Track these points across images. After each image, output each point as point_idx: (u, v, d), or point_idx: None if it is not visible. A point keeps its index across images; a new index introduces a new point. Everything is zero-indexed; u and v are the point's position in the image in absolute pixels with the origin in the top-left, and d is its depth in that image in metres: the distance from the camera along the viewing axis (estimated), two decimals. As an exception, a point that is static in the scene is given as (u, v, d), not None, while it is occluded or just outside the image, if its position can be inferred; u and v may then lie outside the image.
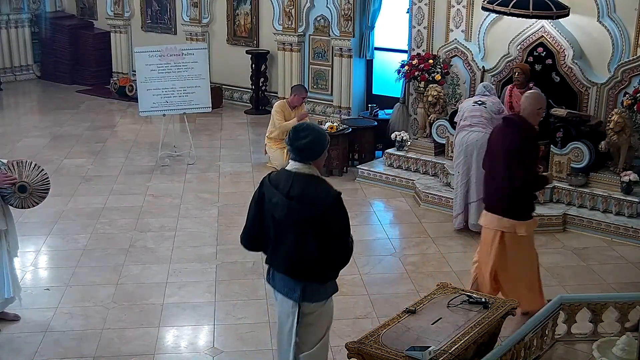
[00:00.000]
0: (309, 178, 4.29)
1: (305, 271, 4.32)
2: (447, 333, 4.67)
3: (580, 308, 5.62)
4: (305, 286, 4.33)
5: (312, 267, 4.30)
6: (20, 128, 11.94)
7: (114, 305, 6.39)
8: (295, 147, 4.28)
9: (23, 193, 5.75)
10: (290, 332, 4.42)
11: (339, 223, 4.27)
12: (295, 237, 4.27)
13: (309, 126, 4.37)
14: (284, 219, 4.28)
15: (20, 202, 5.79)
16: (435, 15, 9.70)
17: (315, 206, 4.21)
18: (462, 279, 6.81)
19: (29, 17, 15.13)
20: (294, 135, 4.29)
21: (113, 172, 9.80)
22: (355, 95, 11.72)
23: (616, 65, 8.44)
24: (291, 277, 4.36)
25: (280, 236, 4.34)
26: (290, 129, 4.39)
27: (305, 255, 4.28)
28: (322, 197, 4.23)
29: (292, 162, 4.35)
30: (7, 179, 5.66)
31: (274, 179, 4.39)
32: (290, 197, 4.24)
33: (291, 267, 4.35)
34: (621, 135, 7.99)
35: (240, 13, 13.00)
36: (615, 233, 7.81)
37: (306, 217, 4.22)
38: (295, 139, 4.28)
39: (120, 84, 13.94)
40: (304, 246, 4.26)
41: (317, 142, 4.29)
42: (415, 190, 8.99)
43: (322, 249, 4.24)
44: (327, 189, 4.28)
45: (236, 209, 8.59)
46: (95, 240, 7.70)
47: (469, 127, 7.80)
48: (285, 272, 4.39)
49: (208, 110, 10.55)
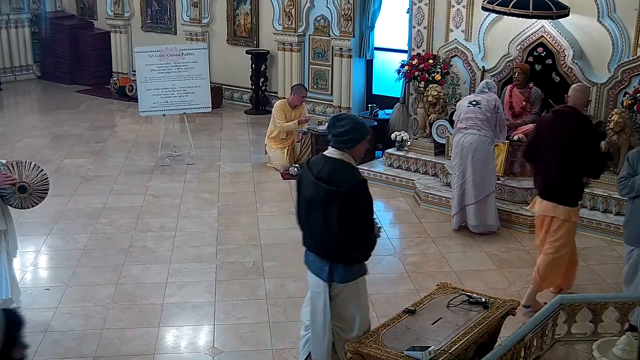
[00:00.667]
0: (338, 162, 4.53)
1: (331, 251, 4.57)
2: (447, 333, 4.67)
3: (580, 308, 5.61)
4: (333, 266, 4.58)
5: (336, 247, 4.53)
6: (20, 128, 11.94)
7: (114, 305, 6.39)
8: (331, 134, 4.55)
9: (23, 193, 5.75)
10: (323, 311, 4.68)
11: (361, 206, 4.47)
12: (322, 217, 4.50)
13: (348, 116, 4.62)
14: (311, 198, 4.55)
15: (20, 203, 5.79)
16: (435, 15, 9.69)
17: (338, 188, 4.43)
18: (462, 279, 6.81)
19: (29, 17, 15.14)
20: (331, 124, 4.56)
21: (113, 172, 9.81)
22: (355, 95, 11.73)
23: (616, 65, 8.43)
24: (320, 256, 4.63)
25: (310, 216, 4.60)
26: (330, 118, 4.63)
27: (329, 235, 4.50)
28: (347, 180, 4.46)
29: (329, 148, 4.60)
30: (7, 180, 5.66)
31: (312, 162, 4.71)
32: (318, 178, 4.50)
33: (318, 247, 4.64)
34: (621, 135, 7.98)
35: (240, 13, 13.00)
36: (615, 233, 7.80)
37: (330, 197, 4.44)
38: (332, 127, 4.54)
39: (120, 84, 13.95)
40: (328, 227, 4.47)
41: (353, 132, 4.51)
42: (415, 190, 8.99)
43: (345, 230, 4.44)
44: (353, 174, 4.52)
45: (236, 209, 8.60)
46: (95, 240, 7.71)
47: (464, 129, 7.82)
48: (314, 251, 4.67)
49: (208, 110, 10.55)
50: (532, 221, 7.99)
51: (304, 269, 6.89)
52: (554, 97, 8.68)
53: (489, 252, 7.57)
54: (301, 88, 10.14)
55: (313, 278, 4.73)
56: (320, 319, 4.71)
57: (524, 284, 6.85)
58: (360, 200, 4.47)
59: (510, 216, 8.15)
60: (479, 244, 7.75)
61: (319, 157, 4.72)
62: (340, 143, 4.54)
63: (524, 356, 5.06)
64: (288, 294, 6.58)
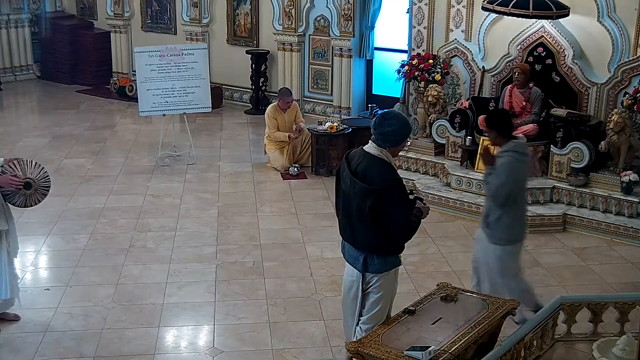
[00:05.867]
0: (375, 159, 4.65)
1: (366, 242, 4.72)
2: (447, 333, 4.67)
3: (580, 308, 5.62)
4: (367, 257, 4.74)
5: (371, 239, 4.69)
6: (20, 128, 11.93)
7: (114, 305, 6.39)
8: (378, 132, 4.63)
9: (29, 190, 5.76)
10: (354, 300, 4.86)
11: (394, 204, 4.56)
12: (357, 209, 4.65)
13: (396, 115, 4.72)
14: (348, 192, 4.71)
15: (24, 200, 5.79)
16: (435, 15, 9.70)
17: (372, 184, 4.56)
18: (462, 279, 6.81)
19: (29, 17, 15.13)
20: (380, 122, 4.64)
21: (113, 172, 9.80)
22: (355, 95, 11.73)
23: (616, 65, 8.44)
24: (355, 247, 4.79)
25: (346, 207, 4.78)
26: (378, 115, 4.69)
27: (364, 228, 4.66)
28: (381, 178, 4.58)
29: (370, 142, 4.70)
30: (14, 181, 5.65)
31: (351, 155, 4.81)
32: (355, 173, 4.64)
33: (354, 238, 4.78)
34: (621, 135, 7.98)
35: (240, 13, 13.00)
36: (615, 233, 7.81)
37: (364, 192, 4.58)
38: (380, 125, 4.63)
39: (120, 84, 13.94)
40: (363, 218, 4.63)
41: (400, 132, 4.64)
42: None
43: (379, 222, 4.59)
44: (388, 172, 4.63)
45: (236, 209, 8.60)
46: (95, 240, 7.70)
47: None
48: (350, 242, 4.83)
49: (208, 110, 10.55)
50: (532, 221, 8.01)
51: (305, 269, 6.90)
52: (554, 97, 8.70)
53: (489, 252, 7.56)
54: (285, 93, 9.98)
55: (348, 267, 4.92)
56: (351, 306, 4.91)
57: (524, 284, 6.85)
58: (394, 199, 4.57)
59: (510, 216, 8.14)
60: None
61: (359, 150, 4.80)
62: (384, 141, 4.64)
63: (524, 356, 5.07)
64: (288, 294, 6.58)
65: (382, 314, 4.93)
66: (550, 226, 8.02)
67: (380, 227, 4.63)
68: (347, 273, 4.95)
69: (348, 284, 4.94)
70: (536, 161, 8.41)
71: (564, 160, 8.34)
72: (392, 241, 4.73)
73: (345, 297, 4.99)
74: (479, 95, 9.29)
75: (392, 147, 4.69)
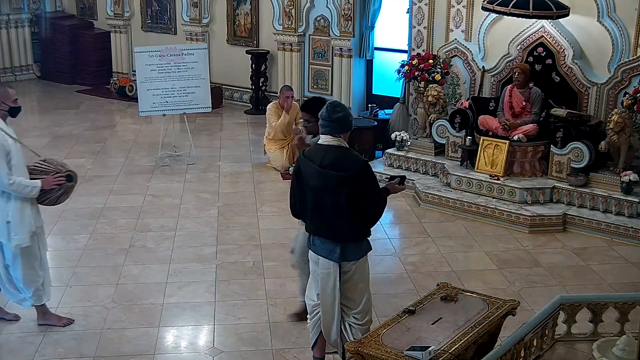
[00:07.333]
0: (338, 149, 4.78)
1: (344, 234, 4.82)
2: (447, 333, 4.66)
3: (580, 308, 5.61)
4: (344, 247, 4.83)
5: (348, 227, 4.79)
6: (20, 128, 11.85)
7: (114, 305, 6.39)
8: (331, 119, 4.75)
9: (70, 182, 5.87)
10: (333, 290, 4.90)
11: (370, 182, 4.77)
12: (332, 202, 4.74)
13: (341, 104, 4.94)
14: (320, 186, 4.77)
15: (57, 197, 5.87)
16: (435, 15, 9.70)
17: (347, 171, 4.69)
18: (462, 279, 6.82)
19: (29, 17, 15.12)
20: (331, 110, 4.77)
21: (113, 172, 9.81)
22: (355, 95, 11.72)
23: (616, 65, 8.44)
24: (331, 240, 4.84)
25: (318, 203, 4.81)
26: (326, 104, 4.84)
27: (342, 217, 4.75)
28: (352, 163, 4.74)
29: (322, 137, 4.81)
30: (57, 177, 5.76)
31: (307, 153, 4.90)
32: (323, 166, 4.74)
33: (331, 231, 4.84)
34: (621, 135, 7.99)
35: (240, 13, 13.00)
36: (615, 233, 7.81)
37: (339, 181, 4.69)
38: (332, 112, 4.77)
39: (120, 84, 13.94)
40: (339, 210, 4.74)
41: (349, 117, 4.84)
42: (415, 190, 8.98)
43: (356, 208, 4.72)
44: (356, 157, 4.81)
45: (236, 209, 8.60)
46: (95, 240, 7.71)
47: None
48: (325, 236, 4.86)
49: (208, 110, 10.55)
50: (532, 221, 8.01)
51: (304, 269, 6.80)
52: (554, 97, 8.69)
53: (489, 252, 7.57)
54: (285, 88, 10.10)
55: (321, 261, 4.91)
56: (330, 298, 4.93)
57: (524, 284, 6.85)
58: (368, 180, 4.75)
59: (511, 216, 8.15)
60: (479, 244, 7.75)
61: (316, 146, 4.88)
62: (338, 128, 4.78)
63: (524, 356, 5.07)
64: (288, 294, 6.57)
65: (370, 303, 5.06)
66: (550, 226, 8.02)
67: (358, 213, 4.74)
68: (322, 266, 4.91)
69: (324, 277, 4.92)
70: None
71: (564, 160, 8.34)
72: (368, 224, 4.87)
73: (323, 292, 4.96)
74: (479, 96, 9.29)
75: (345, 132, 4.83)
